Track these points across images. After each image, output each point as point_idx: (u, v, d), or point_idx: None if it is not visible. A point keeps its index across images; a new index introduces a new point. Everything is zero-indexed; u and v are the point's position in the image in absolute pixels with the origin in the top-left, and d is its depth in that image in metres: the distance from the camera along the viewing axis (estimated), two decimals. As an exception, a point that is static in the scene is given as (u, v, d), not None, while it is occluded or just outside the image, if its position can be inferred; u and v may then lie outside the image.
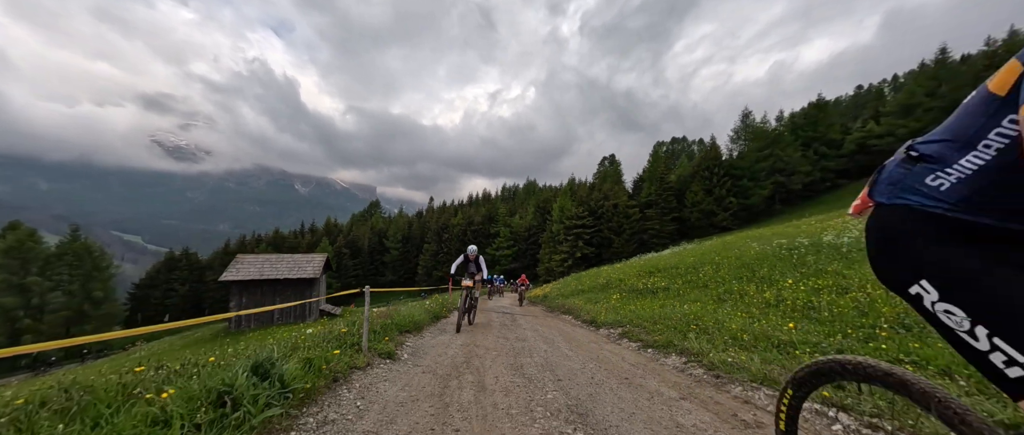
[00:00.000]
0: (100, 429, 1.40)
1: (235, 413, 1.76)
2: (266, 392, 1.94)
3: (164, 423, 1.53)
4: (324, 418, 2.18)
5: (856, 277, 5.39)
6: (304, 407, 2.28)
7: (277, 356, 2.35)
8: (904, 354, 2.87)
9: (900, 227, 0.83)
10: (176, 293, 67.25)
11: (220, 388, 1.81)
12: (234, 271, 22.11)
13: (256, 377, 2.01)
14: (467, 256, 7.13)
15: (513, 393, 2.88)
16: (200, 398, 1.80)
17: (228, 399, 1.77)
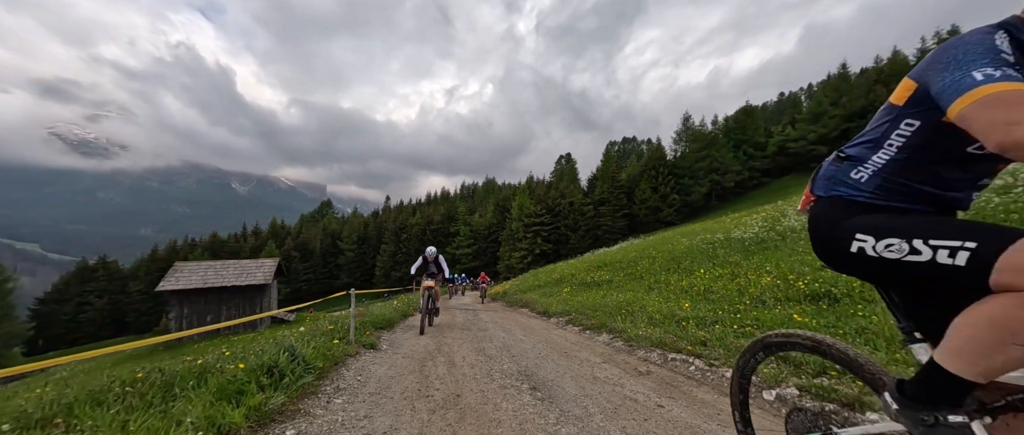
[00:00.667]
0: (199, 389, 1.99)
1: (282, 380, 2.41)
2: (298, 367, 2.60)
3: (237, 390, 2.15)
4: (337, 387, 2.86)
5: (745, 265, 6.85)
6: (320, 380, 2.92)
7: (297, 345, 2.98)
8: (754, 320, 4.09)
9: (834, 213, 1.05)
10: (91, 307, 59.80)
11: (270, 364, 2.45)
12: (173, 280, 20.63)
13: (289, 357, 2.65)
14: (426, 258, 7.13)
15: (477, 367, 3.71)
16: (258, 370, 2.41)
17: (276, 371, 2.42)
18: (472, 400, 2.68)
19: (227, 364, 2.53)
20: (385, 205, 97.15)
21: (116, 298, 61.03)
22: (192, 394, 2.00)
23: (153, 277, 61.89)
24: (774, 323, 3.80)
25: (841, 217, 1.02)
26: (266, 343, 3.95)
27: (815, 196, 1.14)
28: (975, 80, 0.76)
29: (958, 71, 0.79)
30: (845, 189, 1.05)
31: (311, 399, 2.52)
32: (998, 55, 0.79)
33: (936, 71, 0.84)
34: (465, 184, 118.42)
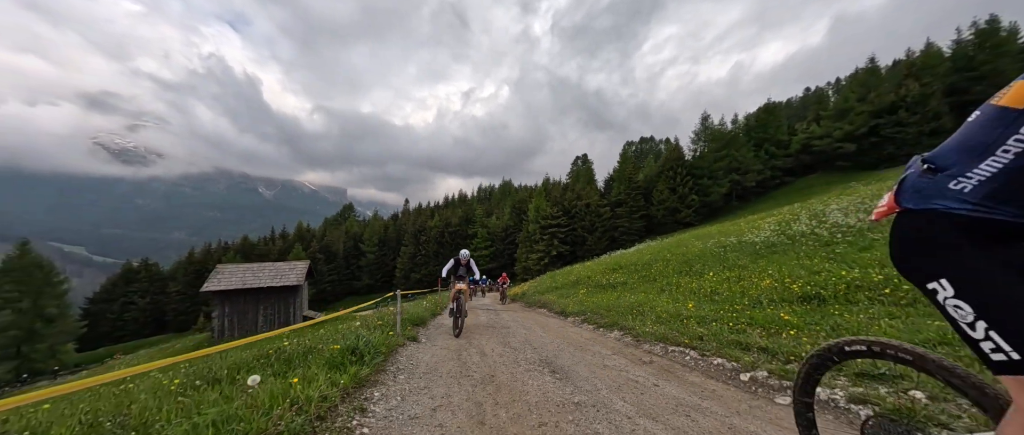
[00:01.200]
0: (308, 363, 2.77)
1: (363, 359, 3.17)
2: (370, 351, 3.35)
3: (338, 363, 2.91)
4: (397, 368, 3.60)
5: (751, 268, 7.28)
6: (383, 363, 3.67)
7: (367, 335, 3.76)
8: (748, 318, 4.62)
9: (927, 230, 0.98)
10: (135, 306, 63.84)
11: (353, 347, 3.21)
12: (215, 281, 22.26)
13: (364, 343, 3.41)
14: (459, 260, 7.17)
15: (504, 356, 4.39)
16: (346, 351, 3.18)
17: (358, 352, 3.18)
18: (504, 378, 3.36)
19: (328, 345, 3.34)
20: (404, 208, 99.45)
21: (157, 298, 64.95)
22: (310, 365, 2.76)
23: (190, 278, 65.62)
24: (766, 322, 4.32)
25: (935, 243, 0.97)
26: (337, 333, 4.76)
27: (902, 208, 1.07)
28: None
29: None
30: (942, 202, 0.97)
31: (381, 375, 3.25)
32: None
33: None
34: (482, 186, 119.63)
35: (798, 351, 3.18)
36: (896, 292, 4.03)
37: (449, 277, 7.19)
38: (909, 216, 1.02)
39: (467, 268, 7.25)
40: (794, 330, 3.74)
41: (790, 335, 3.65)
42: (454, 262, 7.22)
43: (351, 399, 2.54)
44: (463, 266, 7.23)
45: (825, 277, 5.02)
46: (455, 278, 7.08)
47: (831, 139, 50.75)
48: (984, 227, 0.90)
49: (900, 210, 1.06)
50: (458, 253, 7.32)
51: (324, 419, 2.18)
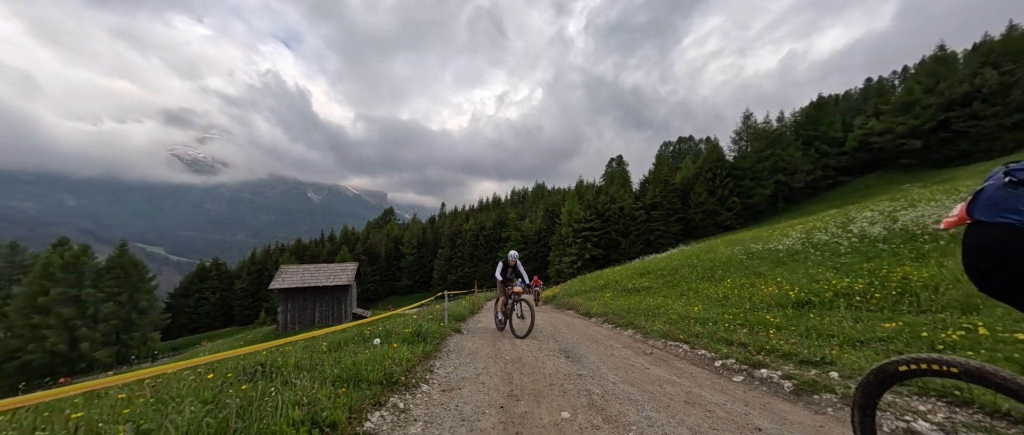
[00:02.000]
0: (389, 337, 3.98)
1: (425, 340, 4.32)
2: (429, 335, 4.50)
3: (410, 341, 4.09)
4: (447, 350, 4.72)
5: (769, 275, 7.75)
6: (439, 345, 4.81)
7: (425, 324, 4.95)
8: (743, 319, 5.28)
9: (1001, 243, 0.97)
10: (207, 301, 71.48)
11: (417, 331, 4.39)
12: (280, 280, 25.10)
13: (424, 328, 4.59)
14: (507, 262, 7.09)
15: (531, 346, 5.38)
16: (413, 334, 4.36)
17: (421, 335, 4.34)
18: (528, 360, 4.37)
19: (401, 330, 4.55)
20: (441, 212, 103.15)
21: (225, 294, 72.35)
22: (393, 341, 3.92)
23: (253, 277, 72.51)
24: (755, 323, 5.00)
25: (1010, 256, 0.96)
26: (402, 322, 6.00)
27: (974, 220, 1.06)
28: None
29: None
30: (1019, 217, 0.96)
31: (438, 353, 4.38)
32: None
33: None
34: (515, 190, 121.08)
35: (767, 345, 3.91)
36: (869, 300, 4.57)
37: (501, 280, 7.02)
38: (982, 229, 1.01)
39: (515, 270, 7.08)
40: (773, 330, 4.43)
41: (769, 334, 4.35)
42: (503, 264, 7.12)
43: (421, 365, 3.65)
44: (511, 268, 7.10)
45: (821, 285, 5.55)
46: (506, 280, 6.98)
47: (893, 135, 46.76)
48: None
49: (971, 222, 1.05)
50: (507, 254, 7.11)
51: (410, 372, 3.30)
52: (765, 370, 3.36)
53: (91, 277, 47.11)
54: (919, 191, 16.34)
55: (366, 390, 2.69)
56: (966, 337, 3.00)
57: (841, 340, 3.59)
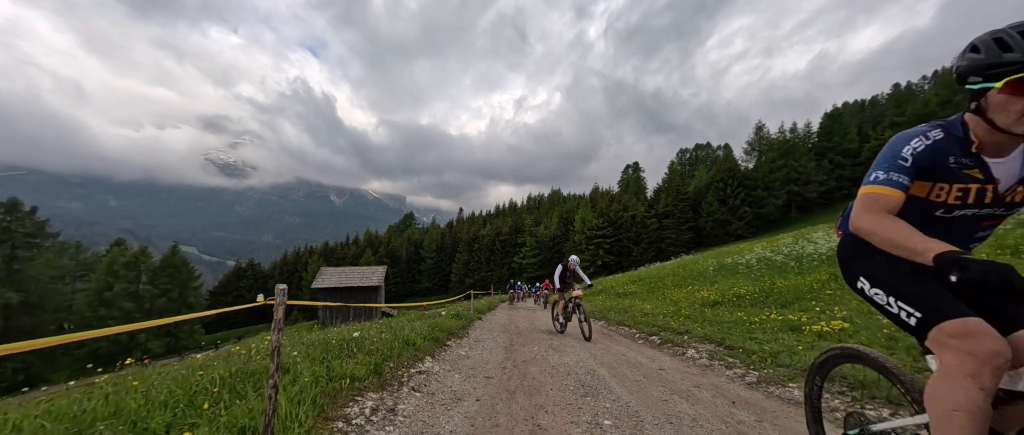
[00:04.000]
0: (440, 314, 6.57)
1: (462, 319, 6.92)
2: (464, 317, 7.09)
3: (454, 316, 6.67)
4: (475, 327, 7.24)
5: (722, 282, 10.02)
6: (469, 325, 7.39)
7: (460, 311, 7.55)
8: (678, 312, 7.64)
9: (854, 247, 1.41)
10: (243, 300, 76.90)
11: (456, 313, 6.98)
12: (321, 280, 28.47)
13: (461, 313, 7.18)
14: (567, 266, 7.19)
15: (530, 329, 7.91)
16: (453, 314, 6.99)
17: (461, 316, 6.93)
18: (524, 328, 6.92)
19: (439, 311, 7.16)
20: (459, 217, 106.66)
21: (259, 293, 77.65)
22: (438, 316, 6.52)
23: (284, 276, 77.57)
24: (687, 314, 7.35)
25: (854, 255, 1.40)
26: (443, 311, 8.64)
27: (841, 232, 1.54)
28: (869, 179, 1.18)
29: (872, 169, 1.21)
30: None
31: (470, 327, 6.94)
32: (897, 161, 1.16)
33: (876, 161, 1.23)
34: (531, 196, 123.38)
35: (677, 326, 6.28)
36: (775, 299, 6.88)
37: (560, 284, 7.17)
38: (844, 238, 1.50)
39: (574, 275, 7.06)
40: (686, 318, 6.80)
41: (684, 319, 6.73)
42: (562, 268, 7.23)
43: (463, 330, 6.21)
44: (570, 272, 7.11)
45: (733, 291, 7.86)
46: (564, 284, 7.11)
47: (907, 147, 46.76)
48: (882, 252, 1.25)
49: (841, 234, 1.55)
50: (568, 259, 7.17)
51: (459, 331, 5.91)
52: (656, 337, 5.80)
53: (147, 275, 52.41)
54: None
55: (442, 335, 5.36)
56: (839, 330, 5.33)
57: (704, 321, 5.99)
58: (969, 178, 1.14)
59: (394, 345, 4.13)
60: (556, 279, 7.15)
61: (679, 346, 5.14)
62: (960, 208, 1.19)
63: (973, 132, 1.14)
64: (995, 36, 1.06)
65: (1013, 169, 1.13)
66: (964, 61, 1.12)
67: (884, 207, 1.14)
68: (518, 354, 4.87)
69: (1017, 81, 0.99)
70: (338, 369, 3.03)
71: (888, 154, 1.18)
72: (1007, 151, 1.12)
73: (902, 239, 1.05)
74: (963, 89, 1.15)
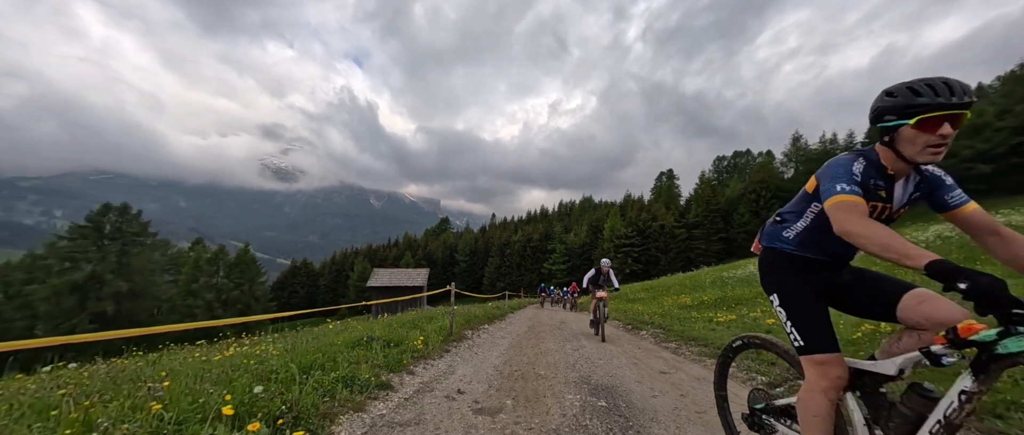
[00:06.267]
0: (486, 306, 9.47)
1: (502, 309, 9.90)
2: (501, 310, 10.04)
3: (497, 306, 9.63)
4: (506, 321, 10.15)
5: (708, 291, 12.29)
6: (502, 318, 10.32)
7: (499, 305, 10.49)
8: (658, 314, 10.18)
9: (770, 260, 1.64)
10: (297, 295, 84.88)
11: (497, 306, 9.95)
12: (375, 279, 32.82)
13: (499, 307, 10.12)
14: (600, 269, 7.48)
15: (549, 322, 10.74)
16: (486, 309, 10.00)
17: (496, 311, 9.88)
18: (544, 319, 9.80)
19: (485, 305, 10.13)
20: (491, 221, 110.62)
21: (311, 289, 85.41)
22: (485, 307, 9.42)
23: (333, 275, 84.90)
24: (671, 314, 9.86)
25: (773, 270, 1.62)
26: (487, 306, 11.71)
27: (761, 246, 1.72)
28: (836, 190, 1.30)
29: (830, 183, 1.33)
30: (779, 243, 1.61)
31: (505, 316, 9.84)
32: (851, 176, 1.32)
33: (823, 179, 1.39)
34: (563, 202, 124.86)
35: (648, 320, 8.87)
36: (726, 304, 9.28)
37: (589, 286, 7.51)
38: (763, 251, 1.70)
39: (606, 277, 7.39)
40: (659, 315, 9.34)
41: (658, 316, 9.27)
42: (595, 271, 7.54)
43: (497, 318, 9.14)
44: (603, 275, 7.43)
45: (702, 299, 10.25)
46: (595, 287, 7.36)
47: (957, 159, 44.44)
48: (799, 260, 1.54)
49: (760, 247, 1.74)
50: (600, 262, 7.49)
51: (500, 317, 8.87)
52: (631, 325, 8.47)
53: (224, 270, 60.16)
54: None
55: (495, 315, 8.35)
56: (735, 322, 7.80)
57: (670, 317, 8.55)
58: (879, 197, 1.37)
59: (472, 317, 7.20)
60: (585, 281, 7.51)
61: (639, 329, 7.81)
62: None
63: (883, 160, 1.37)
64: (908, 85, 1.28)
65: (903, 194, 1.41)
66: (881, 103, 1.33)
67: (863, 212, 1.25)
68: (536, 326, 7.77)
69: (925, 119, 1.21)
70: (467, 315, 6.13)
71: (841, 171, 1.34)
72: (903, 177, 1.39)
73: (896, 244, 1.12)
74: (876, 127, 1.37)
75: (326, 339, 4.51)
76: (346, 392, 2.55)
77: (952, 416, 1.13)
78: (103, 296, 46.36)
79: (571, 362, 4.53)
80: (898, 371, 1.31)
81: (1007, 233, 1.27)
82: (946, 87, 1.22)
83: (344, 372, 2.74)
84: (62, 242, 43.37)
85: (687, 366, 4.54)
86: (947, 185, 1.38)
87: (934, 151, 1.24)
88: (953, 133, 1.26)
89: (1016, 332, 0.99)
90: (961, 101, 1.22)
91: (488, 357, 4.60)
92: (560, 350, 5.29)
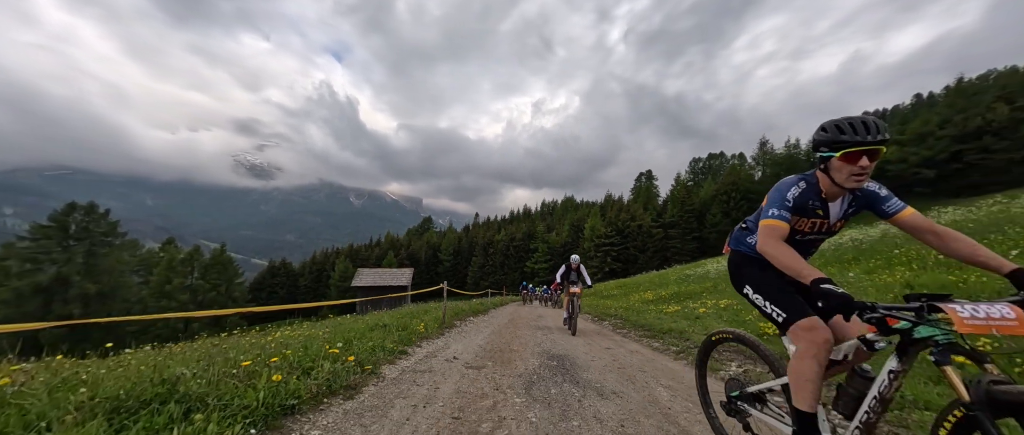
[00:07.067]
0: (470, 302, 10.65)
1: (486, 305, 11.03)
2: (486, 305, 11.21)
3: (481, 304, 10.79)
4: (489, 316, 11.34)
5: (664, 289, 13.81)
6: (486, 313, 11.47)
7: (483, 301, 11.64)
8: (622, 307, 11.58)
9: (737, 262, 1.90)
10: (277, 296, 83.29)
11: (481, 302, 11.09)
12: (358, 280, 33.32)
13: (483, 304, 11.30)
14: (570, 265, 7.61)
15: (527, 316, 11.98)
16: (469, 306, 11.17)
17: (480, 308, 11.04)
18: (523, 318, 11.03)
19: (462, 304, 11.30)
20: (475, 221, 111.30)
21: (291, 290, 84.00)
22: (473, 306, 10.61)
23: (313, 275, 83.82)
24: (633, 306, 11.25)
25: (741, 266, 1.87)
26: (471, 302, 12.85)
27: (730, 249, 1.98)
28: (767, 214, 1.58)
29: (767, 207, 1.61)
30: (744, 247, 1.87)
31: (488, 311, 10.99)
32: (783, 202, 1.57)
33: (767, 202, 1.64)
34: (545, 201, 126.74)
35: (612, 313, 10.22)
36: (678, 298, 10.73)
37: (562, 282, 7.73)
38: (731, 253, 1.96)
39: (577, 273, 7.54)
40: (623, 308, 10.72)
41: (624, 310, 10.64)
42: (565, 267, 7.69)
43: (481, 313, 10.28)
44: (574, 271, 7.57)
45: (661, 294, 11.71)
46: (568, 283, 7.52)
47: (907, 164, 48.43)
48: (761, 263, 1.72)
49: (729, 250, 2.00)
50: (569, 259, 7.62)
51: (484, 311, 10.01)
52: (598, 317, 9.81)
53: (199, 271, 58.78)
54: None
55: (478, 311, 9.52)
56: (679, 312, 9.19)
57: (631, 310, 9.94)
58: (816, 215, 1.63)
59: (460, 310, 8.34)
60: (558, 277, 7.71)
61: (603, 320, 9.16)
62: (808, 234, 1.71)
63: (821, 183, 1.62)
64: (836, 123, 1.51)
65: (838, 210, 1.65)
66: (817, 137, 1.57)
67: (781, 236, 1.53)
68: (515, 319, 8.99)
69: (848, 153, 1.44)
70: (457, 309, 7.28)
71: (777, 197, 1.61)
72: (838, 198, 1.63)
73: (794, 264, 1.41)
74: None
75: (353, 325, 5.63)
76: (382, 353, 3.73)
77: (884, 392, 1.31)
78: (70, 298, 44.83)
79: (538, 341, 5.77)
80: (843, 356, 1.53)
81: (942, 230, 1.45)
82: (864, 127, 1.45)
83: (376, 342, 3.89)
84: (23, 242, 41.68)
85: (629, 344, 5.85)
86: (882, 196, 1.58)
87: (857, 179, 1.48)
88: (871, 165, 1.48)
89: (926, 321, 1.18)
90: (875, 139, 1.43)
91: (475, 339, 5.77)
92: (532, 336, 6.51)
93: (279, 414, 1.91)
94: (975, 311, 1.10)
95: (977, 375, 1.12)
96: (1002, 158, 40.61)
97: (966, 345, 1.16)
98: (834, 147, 1.49)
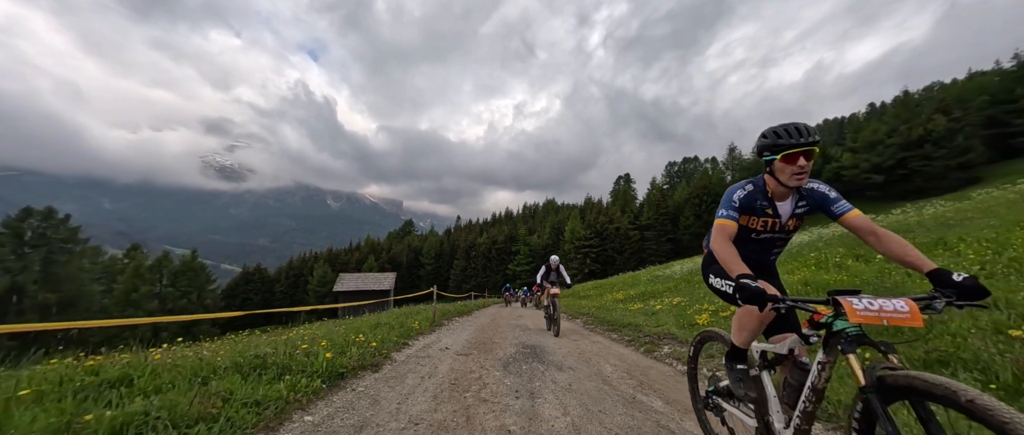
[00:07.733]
0: (456, 304, 11.46)
1: (470, 307, 11.85)
2: (470, 307, 12.04)
3: (467, 306, 11.59)
4: (473, 316, 12.15)
5: (640, 288, 15.01)
6: (470, 314, 12.31)
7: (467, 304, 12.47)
8: (597, 307, 12.70)
9: (708, 258, 2.08)
10: (251, 302, 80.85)
11: (465, 304, 11.89)
12: (340, 284, 33.35)
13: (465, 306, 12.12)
14: (549, 266, 7.78)
15: (508, 317, 12.89)
16: (456, 308, 11.99)
17: (465, 310, 11.87)
18: (504, 319, 11.96)
19: (446, 305, 12.11)
20: (456, 224, 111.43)
21: (266, 296, 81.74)
22: (460, 308, 11.39)
23: (290, 281, 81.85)
24: (606, 307, 12.37)
25: (710, 263, 2.05)
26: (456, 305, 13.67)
27: (706, 249, 2.12)
28: (719, 214, 1.75)
29: (719, 208, 1.78)
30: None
31: (472, 312, 11.84)
32: (730, 204, 1.76)
33: (720, 203, 1.80)
34: (527, 204, 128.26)
35: (585, 311, 11.29)
36: (643, 296, 11.92)
37: (542, 282, 7.80)
38: (707, 253, 2.15)
39: (557, 273, 7.71)
40: (596, 307, 11.81)
41: (597, 309, 11.72)
42: (545, 268, 7.84)
43: (466, 314, 11.14)
44: (553, 271, 7.74)
45: (645, 291, 12.89)
46: (548, 283, 7.60)
47: (859, 170, 52.46)
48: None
49: (706, 250, 2.17)
50: (549, 259, 7.71)
51: (469, 312, 10.88)
52: (571, 315, 10.86)
53: (169, 278, 56.68)
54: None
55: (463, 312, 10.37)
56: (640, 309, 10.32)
57: (603, 308, 11.04)
58: (766, 214, 1.78)
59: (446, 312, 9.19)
60: (539, 278, 7.78)
61: (576, 318, 10.21)
62: (762, 233, 1.84)
63: (768, 185, 1.78)
64: (774, 130, 1.69)
65: (788, 209, 1.79)
66: (761, 143, 1.75)
67: (728, 234, 1.69)
68: (496, 319, 9.92)
69: (787, 154, 1.62)
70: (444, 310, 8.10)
71: (727, 199, 1.80)
72: (785, 197, 1.77)
73: (729, 260, 1.59)
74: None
75: (359, 324, 6.44)
76: (391, 344, 4.61)
77: (816, 382, 1.40)
78: (25, 309, 42.72)
79: (516, 336, 6.72)
80: (788, 350, 1.65)
81: (882, 232, 1.54)
82: (797, 131, 1.65)
83: (384, 336, 4.75)
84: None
85: (593, 337, 6.89)
86: (831, 198, 1.70)
87: (798, 177, 1.65)
88: (808, 164, 1.64)
89: (841, 315, 1.28)
90: (807, 141, 1.62)
91: (462, 335, 6.67)
92: (511, 332, 7.45)
93: (335, 377, 2.75)
94: (871, 304, 1.19)
95: (875, 362, 1.20)
96: (941, 165, 44.63)
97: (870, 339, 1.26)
98: (775, 150, 1.68)
